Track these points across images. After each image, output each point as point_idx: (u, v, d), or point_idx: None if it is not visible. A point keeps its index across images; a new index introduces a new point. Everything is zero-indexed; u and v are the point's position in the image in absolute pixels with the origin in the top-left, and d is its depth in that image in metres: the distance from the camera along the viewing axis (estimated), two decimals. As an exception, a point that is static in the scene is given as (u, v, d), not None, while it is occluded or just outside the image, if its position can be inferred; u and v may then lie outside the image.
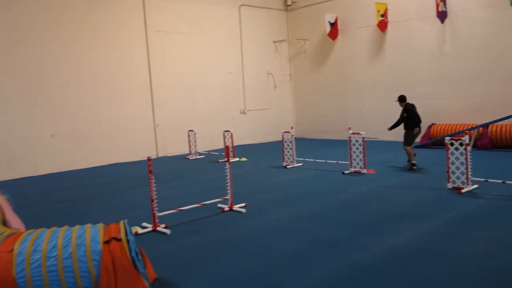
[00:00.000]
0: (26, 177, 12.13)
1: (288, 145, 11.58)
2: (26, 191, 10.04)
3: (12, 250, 3.83)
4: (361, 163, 10.13)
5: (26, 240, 3.93)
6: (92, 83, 13.70)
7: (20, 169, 12.27)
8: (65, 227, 4.12)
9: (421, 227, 6.00)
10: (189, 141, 14.63)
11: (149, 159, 6.52)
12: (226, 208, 7.35)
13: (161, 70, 15.35)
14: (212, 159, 13.73)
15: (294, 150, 11.54)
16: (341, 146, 10.47)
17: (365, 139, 10.09)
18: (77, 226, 4.12)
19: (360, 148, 10.09)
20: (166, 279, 4.64)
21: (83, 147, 13.48)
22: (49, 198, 9.27)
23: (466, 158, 7.81)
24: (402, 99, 10.59)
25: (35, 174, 12.44)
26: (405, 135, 10.40)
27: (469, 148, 7.83)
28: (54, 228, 4.13)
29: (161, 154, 15.33)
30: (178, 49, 15.89)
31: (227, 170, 7.34)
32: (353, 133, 10.24)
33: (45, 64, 12.75)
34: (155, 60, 15.20)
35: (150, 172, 6.46)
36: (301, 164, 11.65)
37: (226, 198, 7.43)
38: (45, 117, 12.76)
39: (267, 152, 14.92)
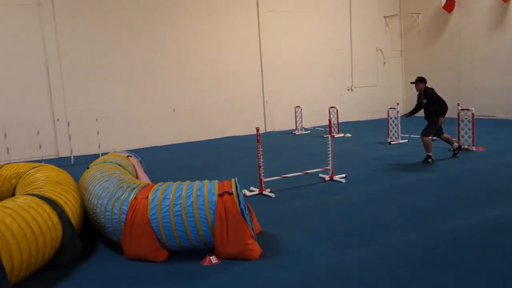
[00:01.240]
0: (151, 147, 13.73)
1: (393, 121, 11.58)
2: (152, 158, 11.42)
3: (147, 197, 4.73)
4: (469, 140, 9.86)
5: (158, 190, 4.81)
6: (208, 62, 14.88)
7: (146, 139, 13.92)
8: (188, 182, 4.93)
9: (524, 203, 5.91)
10: (296, 117, 15.21)
11: (257, 129, 7.21)
12: (327, 177, 7.82)
13: (271, 49, 16.05)
14: (317, 134, 14.17)
15: (399, 127, 11.51)
16: (453, 124, 10.23)
17: (479, 116, 9.73)
18: (197, 181, 4.91)
19: (469, 125, 9.80)
20: (268, 232, 5.29)
21: (199, 121, 14.81)
22: (171, 165, 10.50)
23: None
24: (420, 80, 8.87)
25: (159, 144, 14.02)
26: (428, 125, 8.82)
27: None
28: (179, 182, 4.96)
29: (269, 129, 16.16)
30: (287, 28, 16.42)
31: (329, 143, 7.78)
32: (462, 109, 9.97)
33: (168, 46, 14.17)
34: (265, 39, 15.94)
35: (258, 141, 7.15)
36: (406, 140, 11.61)
37: (327, 168, 7.89)
38: (168, 93, 14.25)
39: (373, 129, 14.95)
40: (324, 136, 13.42)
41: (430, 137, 8.87)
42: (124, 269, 4.54)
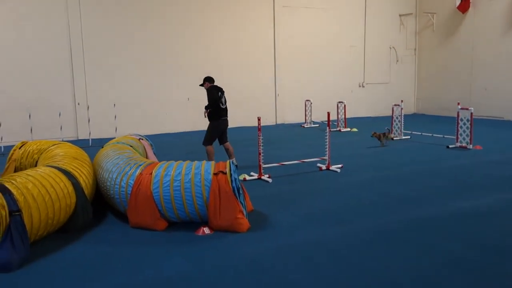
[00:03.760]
0: (164, 133, 14.42)
1: (397, 118, 11.99)
2: (164, 143, 12.08)
3: (151, 173, 5.34)
4: (467, 139, 10.22)
5: (161, 168, 5.40)
6: (223, 54, 15.48)
7: (160, 126, 14.62)
8: (188, 161, 5.52)
9: (506, 197, 6.31)
10: (305, 111, 15.69)
11: (259, 119, 7.78)
12: (324, 167, 8.34)
13: (285, 44, 16.55)
14: (324, 128, 14.60)
15: (402, 123, 11.93)
16: (453, 122, 10.64)
17: (487, 117, 10.08)
18: (196, 161, 5.49)
19: (468, 124, 10.17)
20: (259, 211, 5.86)
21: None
22: (181, 149, 11.15)
23: None
24: (205, 80, 8.79)
25: (173, 131, 14.69)
26: (206, 132, 8.47)
27: None
28: (180, 161, 5.55)
29: (279, 122, 16.69)
30: (303, 24, 16.88)
31: (327, 134, 8.30)
32: (461, 108, 10.33)
33: (185, 37, 14.80)
34: (280, 34, 16.43)
35: (259, 130, 7.72)
36: (408, 137, 12.02)
37: (324, 159, 8.40)
38: (183, 83, 14.89)
39: (380, 125, 15.21)
40: (331, 130, 13.89)
41: (213, 145, 8.36)
42: (128, 234, 5.17)
